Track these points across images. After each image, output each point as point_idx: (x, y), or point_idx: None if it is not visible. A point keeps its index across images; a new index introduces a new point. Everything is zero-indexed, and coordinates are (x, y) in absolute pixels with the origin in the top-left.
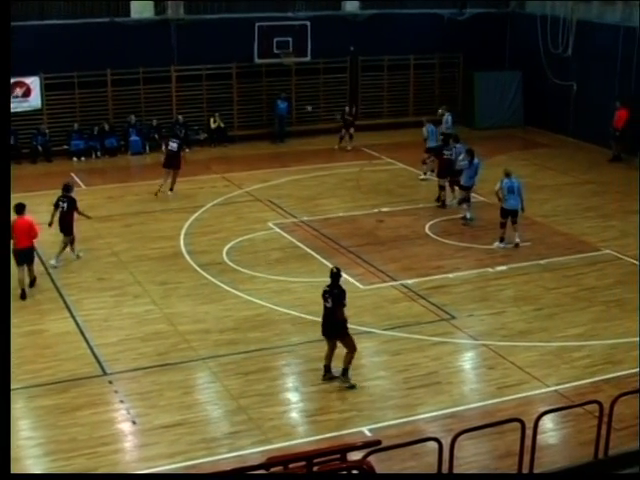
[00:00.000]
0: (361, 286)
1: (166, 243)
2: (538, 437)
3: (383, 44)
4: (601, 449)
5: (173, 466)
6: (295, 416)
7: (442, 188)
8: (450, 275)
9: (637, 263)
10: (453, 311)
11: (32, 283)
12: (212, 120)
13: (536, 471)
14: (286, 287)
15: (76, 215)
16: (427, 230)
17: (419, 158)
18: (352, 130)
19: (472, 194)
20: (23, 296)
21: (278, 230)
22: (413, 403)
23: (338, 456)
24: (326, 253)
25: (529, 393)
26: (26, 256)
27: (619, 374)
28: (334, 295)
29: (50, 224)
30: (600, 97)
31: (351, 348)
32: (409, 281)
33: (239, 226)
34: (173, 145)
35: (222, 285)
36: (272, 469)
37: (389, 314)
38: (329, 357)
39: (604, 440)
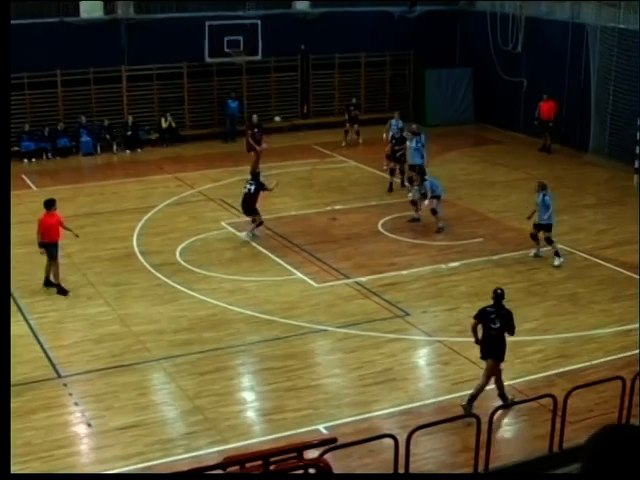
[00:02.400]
0: (315, 284)
1: (119, 244)
2: (493, 432)
3: (334, 42)
4: (556, 442)
5: (129, 468)
6: (251, 415)
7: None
8: (403, 272)
9: (588, 257)
10: (407, 308)
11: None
12: (163, 120)
13: (492, 465)
14: (240, 286)
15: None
16: (380, 227)
17: (371, 156)
18: (356, 126)
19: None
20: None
21: (231, 229)
22: (369, 400)
23: (295, 454)
24: (279, 252)
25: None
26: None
27: (572, 368)
28: (502, 316)
29: None
30: (550, 93)
31: (499, 374)
32: (363, 278)
33: (192, 226)
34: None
35: (176, 285)
36: (229, 469)
37: (343, 312)
38: (482, 387)
39: (559, 433)
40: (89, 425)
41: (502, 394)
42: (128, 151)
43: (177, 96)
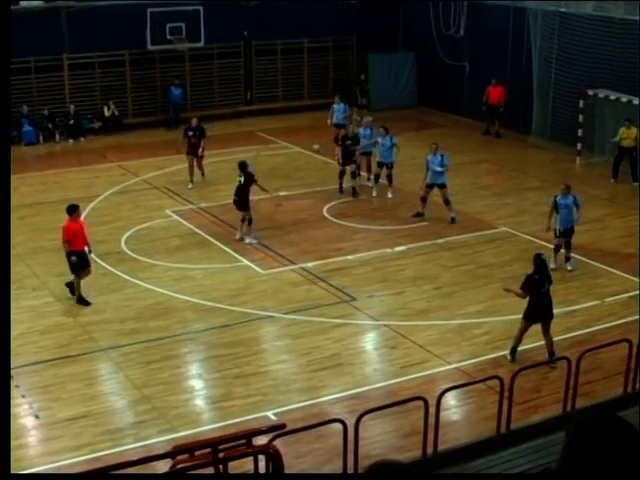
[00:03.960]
0: (261, 271)
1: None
2: (441, 414)
3: (276, 28)
4: (503, 423)
5: (78, 459)
6: (199, 403)
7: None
8: (349, 257)
9: (533, 239)
10: (353, 293)
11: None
12: (106, 108)
13: (441, 448)
14: (186, 274)
15: None
16: (325, 213)
17: (315, 141)
18: (365, 100)
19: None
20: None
21: (176, 217)
22: (317, 386)
23: (244, 441)
24: (225, 239)
25: (431, 371)
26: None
27: (519, 349)
28: (549, 278)
29: None
30: (492, 77)
31: (549, 330)
32: (309, 264)
33: (137, 214)
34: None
35: (121, 274)
36: (178, 457)
37: (290, 298)
38: (520, 339)
39: (506, 414)
40: (37, 417)
41: (552, 350)
42: (71, 140)
43: (120, 84)
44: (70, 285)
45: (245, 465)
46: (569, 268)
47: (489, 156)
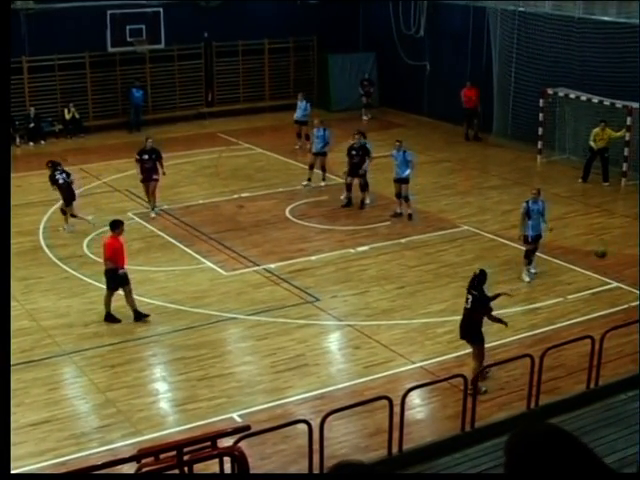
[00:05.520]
0: (224, 272)
1: (24, 238)
2: (406, 413)
3: (237, 29)
4: (468, 421)
5: (42, 464)
6: (164, 406)
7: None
8: (312, 257)
9: (495, 238)
10: (317, 293)
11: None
12: (66, 111)
13: (406, 446)
14: (148, 277)
15: None
16: (287, 214)
17: (276, 142)
18: (369, 99)
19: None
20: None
21: (138, 220)
22: (281, 387)
23: (209, 444)
24: (187, 241)
25: (395, 371)
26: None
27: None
28: (475, 297)
29: None
30: (453, 76)
31: (479, 356)
32: (272, 265)
33: (99, 218)
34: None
35: (84, 278)
36: (143, 460)
37: (253, 299)
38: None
39: (470, 412)
40: None
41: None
42: (31, 143)
43: (80, 86)
44: (109, 317)
45: (210, 467)
46: (533, 271)
47: (450, 155)
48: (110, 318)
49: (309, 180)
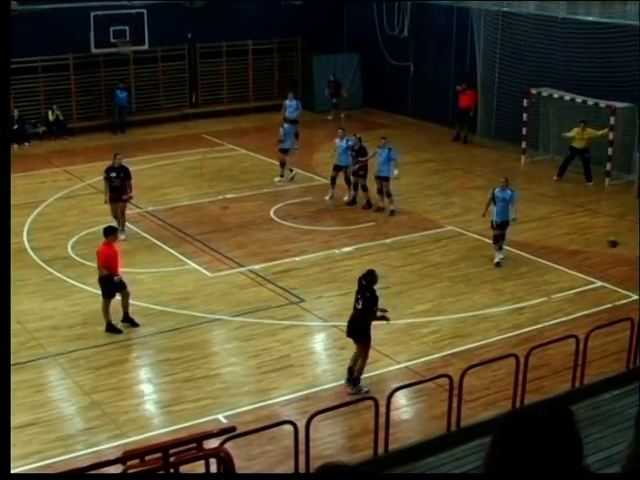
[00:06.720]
0: (209, 274)
1: None
2: (392, 413)
3: (221, 30)
4: (453, 421)
5: (28, 467)
6: (150, 408)
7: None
8: (297, 258)
9: (479, 238)
10: (302, 294)
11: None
12: (50, 112)
13: (391, 447)
14: (133, 278)
15: None
16: (272, 215)
17: (261, 143)
18: (338, 100)
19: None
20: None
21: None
22: (267, 388)
23: (194, 445)
24: (172, 242)
25: (381, 371)
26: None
27: (467, 347)
28: (366, 299)
29: None
30: (437, 77)
31: (363, 355)
32: (256, 266)
33: (83, 219)
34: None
35: (69, 280)
36: (129, 462)
37: (238, 300)
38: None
39: (456, 412)
40: None
41: (352, 376)
42: (15, 145)
43: (64, 88)
44: (110, 328)
45: (196, 469)
46: (500, 257)
47: (435, 156)
48: (111, 329)
49: (281, 176)
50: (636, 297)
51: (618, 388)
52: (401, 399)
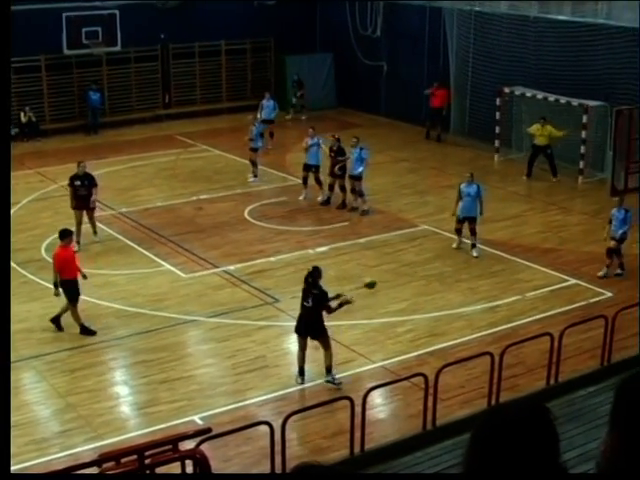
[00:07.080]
0: (183, 275)
1: None
2: (367, 413)
3: (193, 31)
4: (429, 420)
5: None
6: (125, 410)
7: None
8: (272, 259)
9: (454, 237)
10: (277, 294)
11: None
12: (22, 114)
13: (367, 446)
14: (108, 280)
15: None
16: (246, 215)
17: (234, 144)
18: (300, 100)
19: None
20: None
21: (97, 223)
22: (243, 388)
23: (170, 447)
24: (146, 244)
25: (356, 370)
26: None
27: (442, 346)
28: (315, 296)
29: None
30: (410, 76)
31: (328, 346)
32: (231, 267)
33: (57, 221)
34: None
35: (43, 282)
36: (104, 465)
37: (213, 301)
38: (303, 358)
39: (431, 411)
40: None
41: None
42: None
43: (36, 89)
44: (84, 330)
45: (172, 470)
46: (474, 255)
47: (409, 155)
48: (85, 331)
49: (255, 176)
50: (610, 294)
51: (593, 385)
52: (377, 398)
